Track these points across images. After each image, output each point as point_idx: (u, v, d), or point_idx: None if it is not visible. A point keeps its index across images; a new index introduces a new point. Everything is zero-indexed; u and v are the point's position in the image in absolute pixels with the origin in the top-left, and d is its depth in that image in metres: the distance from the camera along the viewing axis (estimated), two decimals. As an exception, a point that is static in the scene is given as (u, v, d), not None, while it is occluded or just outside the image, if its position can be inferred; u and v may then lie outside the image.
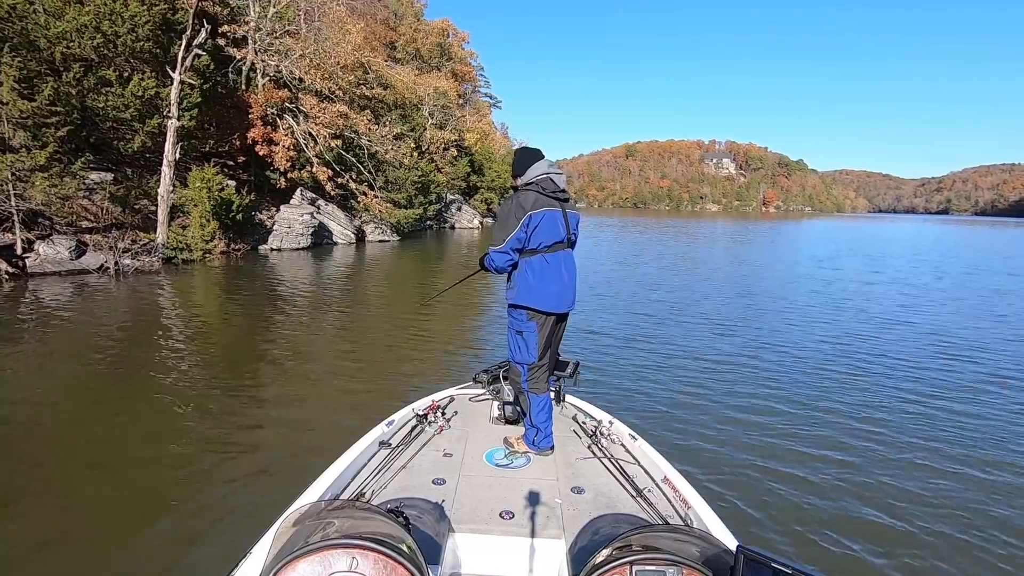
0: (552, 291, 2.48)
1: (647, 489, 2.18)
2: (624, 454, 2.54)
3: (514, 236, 2.40)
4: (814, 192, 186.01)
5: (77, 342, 6.92)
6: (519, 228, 2.40)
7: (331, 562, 1.25)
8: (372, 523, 1.38)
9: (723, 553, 1.37)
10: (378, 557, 1.26)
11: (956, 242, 37.09)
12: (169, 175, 13.52)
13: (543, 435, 2.55)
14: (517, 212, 2.41)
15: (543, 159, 2.56)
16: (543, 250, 2.45)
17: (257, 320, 8.64)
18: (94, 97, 12.97)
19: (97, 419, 4.64)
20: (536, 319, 2.50)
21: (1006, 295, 13.00)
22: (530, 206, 2.40)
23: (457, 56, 44.55)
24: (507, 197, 2.56)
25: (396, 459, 2.35)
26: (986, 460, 4.35)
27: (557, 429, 2.73)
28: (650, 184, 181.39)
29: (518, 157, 2.61)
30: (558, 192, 2.50)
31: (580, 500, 2.14)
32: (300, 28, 20.30)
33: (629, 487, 2.20)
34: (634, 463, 2.45)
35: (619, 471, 2.32)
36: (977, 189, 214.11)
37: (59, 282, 10.30)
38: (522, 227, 2.40)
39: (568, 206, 2.56)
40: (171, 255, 13.13)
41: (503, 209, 2.49)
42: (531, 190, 2.47)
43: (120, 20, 13.13)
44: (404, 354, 6.94)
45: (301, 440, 4.33)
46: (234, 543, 2.41)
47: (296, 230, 17.76)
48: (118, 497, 3.44)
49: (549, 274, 2.46)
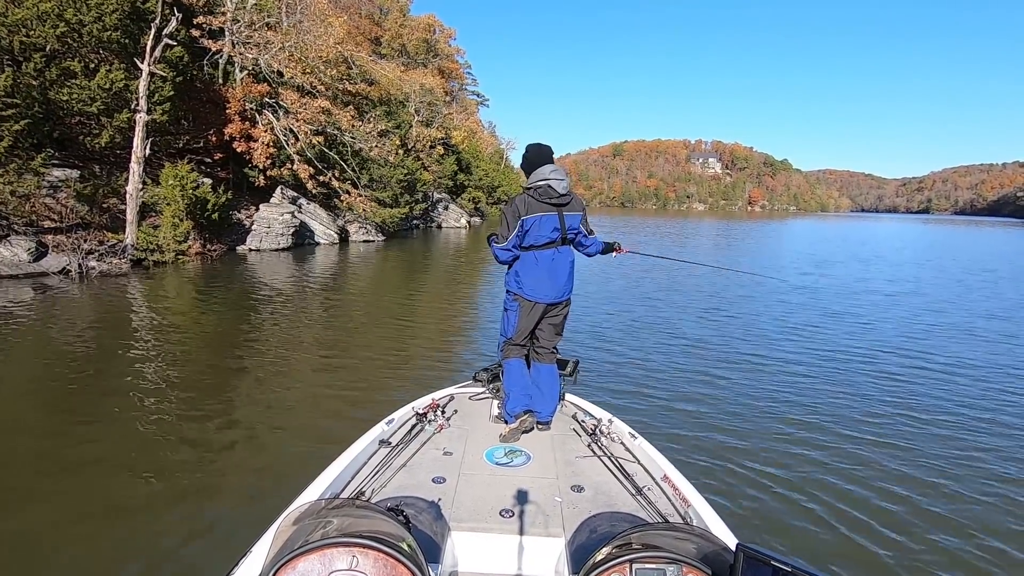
0: (536, 284, 2.82)
1: (647, 487, 2.18)
2: (624, 452, 2.55)
3: (512, 236, 2.76)
4: (799, 191, 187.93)
5: (37, 349, 6.40)
6: (516, 230, 2.74)
7: (331, 560, 1.25)
8: (372, 521, 1.38)
9: (723, 551, 1.37)
10: (378, 555, 1.26)
11: (957, 243, 37.38)
12: (138, 172, 12.81)
13: (512, 401, 2.77)
14: (514, 216, 2.74)
15: (548, 163, 2.82)
16: (536, 248, 2.79)
17: (239, 322, 8.17)
18: (57, 89, 12.22)
19: (71, 429, 4.38)
20: (520, 302, 2.88)
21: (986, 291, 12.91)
22: (524, 211, 2.73)
23: (444, 52, 43.99)
24: (511, 199, 2.86)
25: (396, 458, 2.34)
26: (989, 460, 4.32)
27: (557, 427, 2.84)
28: (637, 183, 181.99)
29: (526, 157, 2.89)
30: (555, 198, 2.76)
31: (580, 498, 2.14)
32: (280, 20, 19.62)
33: (629, 485, 2.20)
34: (634, 461, 2.46)
35: (619, 469, 2.32)
36: (957, 189, 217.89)
37: (16, 286, 9.61)
38: (518, 229, 2.74)
39: (568, 208, 2.83)
40: (141, 257, 12.43)
41: (505, 212, 2.81)
42: (530, 195, 2.77)
43: (85, 8, 12.40)
44: (402, 353, 6.78)
45: (300, 440, 4.31)
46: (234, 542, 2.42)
47: (276, 230, 17.11)
48: (116, 500, 3.41)
49: (536, 269, 2.82)
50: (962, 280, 15.79)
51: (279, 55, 18.44)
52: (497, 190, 42.78)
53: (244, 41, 18.19)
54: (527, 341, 2.97)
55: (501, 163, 49.72)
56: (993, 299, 12.41)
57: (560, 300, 2.90)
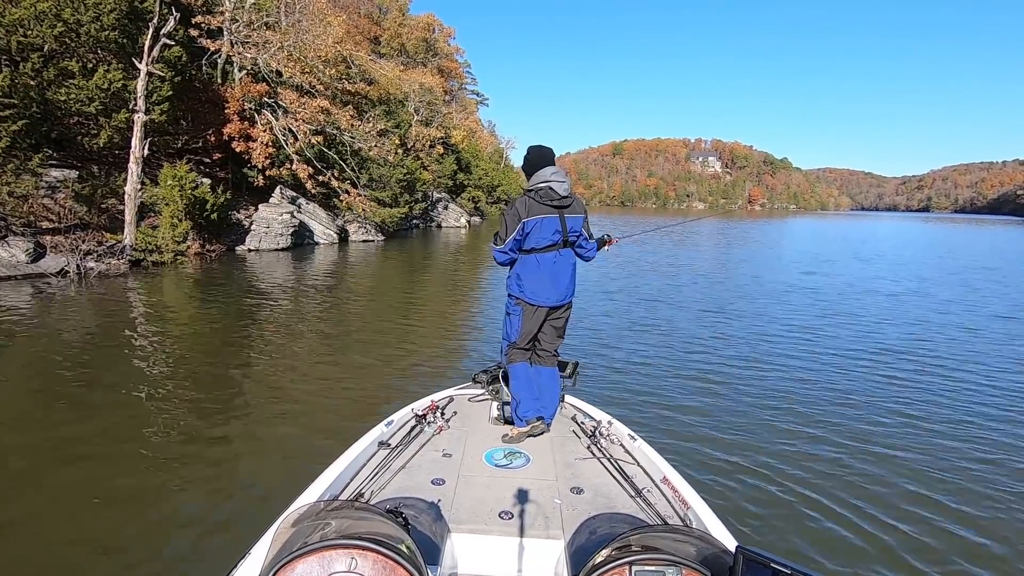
0: (538, 287, 2.79)
1: (646, 489, 2.17)
2: (623, 454, 2.54)
3: (511, 239, 2.73)
4: (799, 190, 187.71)
5: (34, 350, 6.36)
6: (515, 232, 2.72)
7: (330, 562, 1.25)
8: (371, 523, 1.37)
9: (722, 553, 1.36)
10: (377, 557, 1.26)
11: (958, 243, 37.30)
12: (136, 172, 12.77)
13: (524, 406, 2.73)
14: (514, 219, 2.71)
15: (549, 165, 2.79)
16: (538, 250, 2.75)
17: (237, 323, 8.13)
18: (55, 90, 12.17)
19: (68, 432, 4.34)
20: (522, 306, 2.84)
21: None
22: (525, 213, 2.70)
23: (443, 52, 43.91)
24: (511, 201, 2.84)
25: (395, 459, 2.33)
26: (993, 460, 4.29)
27: (556, 429, 2.83)
28: (637, 182, 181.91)
29: (527, 159, 2.86)
30: (556, 200, 2.73)
31: (579, 500, 2.13)
32: (279, 20, 19.56)
33: (628, 487, 2.19)
34: (633, 463, 2.45)
35: (618, 471, 2.31)
36: (956, 187, 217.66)
37: (13, 287, 9.57)
38: (518, 232, 2.72)
39: (570, 211, 2.79)
40: (139, 257, 12.39)
41: (505, 214, 2.77)
42: (531, 198, 2.74)
43: (83, 7, 12.34)
44: (401, 355, 6.77)
45: (298, 441, 4.28)
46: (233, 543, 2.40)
47: (275, 230, 17.06)
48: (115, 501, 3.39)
49: (538, 272, 2.78)
50: (965, 279, 15.74)
51: (278, 55, 18.38)
52: (497, 189, 42.73)
53: (243, 41, 18.14)
54: (531, 344, 2.95)
55: (501, 162, 49.67)
56: (1000, 298, 12.36)
57: (562, 303, 2.88)
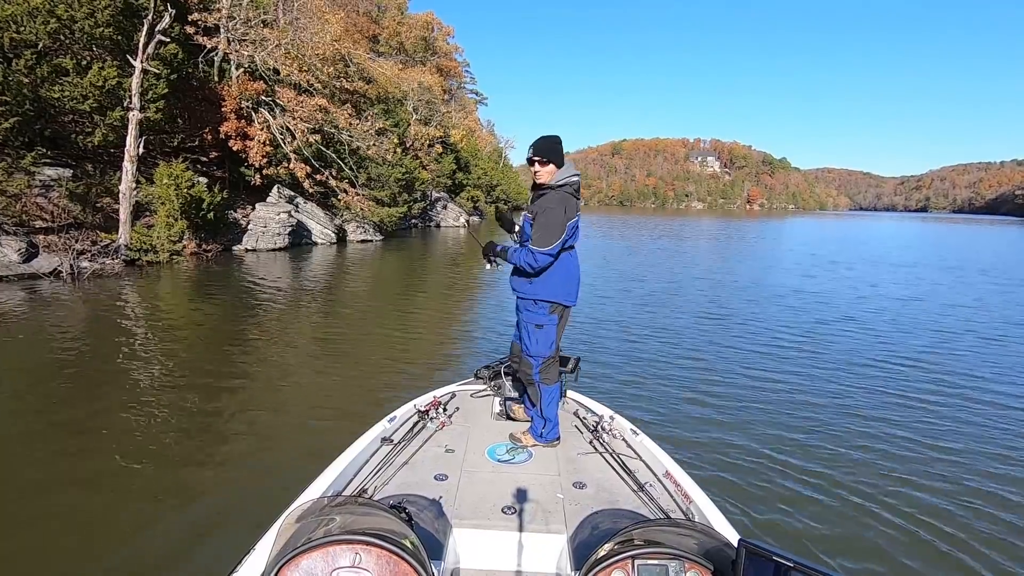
0: (572, 286, 2.64)
1: (649, 484, 2.17)
2: (626, 449, 2.53)
3: (560, 240, 2.50)
4: (797, 190, 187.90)
5: (27, 352, 6.24)
6: (564, 233, 2.50)
7: (334, 558, 1.25)
8: (375, 519, 1.38)
9: (725, 547, 1.36)
10: (381, 552, 1.26)
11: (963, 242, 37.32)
12: (131, 171, 12.60)
13: (551, 425, 2.62)
14: (562, 220, 2.48)
15: None
16: (567, 249, 2.59)
17: (235, 323, 8.01)
18: (49, 87, 11.99)
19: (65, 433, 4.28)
20: (557, 312, 2.63)
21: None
22: (572, 212, 2.54)
23: (442, 50, 43.73)
24: (552, 198, 2.52)
25: (398, 455, 2.33)
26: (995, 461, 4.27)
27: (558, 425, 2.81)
28: (636, 182, 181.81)
29: (558, 148, 2.56)
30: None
31: (582, 495, 2.13)
32: (277, 18, 19.38)
33: (631, 482, 2.19)
34: (636, 458, 2.44)
35: (621, 466, 2.31)
36: (955, 187, 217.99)
37: (5, 288, 9.40)
38: (566, 232, 2.52)
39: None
40: (134, 257, 12.23)
41: (552, 214, 2.49)
42: (569, 194, 2.54)
43: (77, 3, 12.15)
44: (403, 352, 6.76)
45: (301, 438, 4.27)
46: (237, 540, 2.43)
47: (272, 229, 16.90)
48: (116, 500, 3.39)
49: (571, 271, 2.62)
50: (966, 279, 15.65)
51: (275, 52, 18.21)
52: (496, 189, 42.59)
53: (240, 38, 17.95)
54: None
55: (500, 162, 49.51)
56: (1006, 302, 12.27)
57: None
